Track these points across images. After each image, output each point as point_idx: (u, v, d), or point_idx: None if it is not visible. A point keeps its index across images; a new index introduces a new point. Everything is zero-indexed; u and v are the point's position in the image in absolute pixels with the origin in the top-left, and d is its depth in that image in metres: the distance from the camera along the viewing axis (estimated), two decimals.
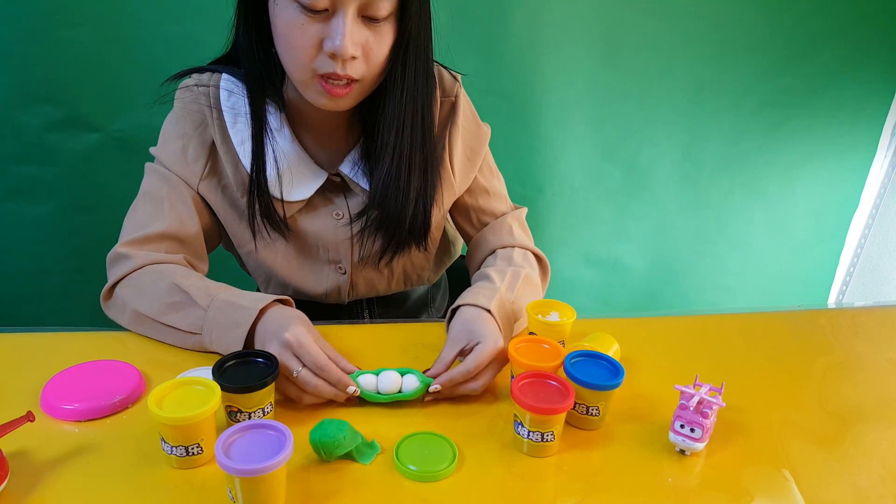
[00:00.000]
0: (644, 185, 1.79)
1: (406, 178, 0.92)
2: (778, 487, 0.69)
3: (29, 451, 0.67)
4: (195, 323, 0.84)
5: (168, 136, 0.96)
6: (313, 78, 0.82)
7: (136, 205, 0.97)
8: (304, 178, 0.95)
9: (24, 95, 1.39)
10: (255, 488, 0.58)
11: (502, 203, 1.12)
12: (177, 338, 0.87)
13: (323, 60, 0.80)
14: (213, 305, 0.84)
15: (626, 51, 1.60)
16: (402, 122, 0.88)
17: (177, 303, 0.86)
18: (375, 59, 0.82)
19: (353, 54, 0.79)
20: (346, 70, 0.80)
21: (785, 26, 1.64)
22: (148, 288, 0.88)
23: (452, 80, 1.02)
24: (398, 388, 0.78)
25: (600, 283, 1.93)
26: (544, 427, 0.69)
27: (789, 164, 1.83)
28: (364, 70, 0.82)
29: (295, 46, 0.80)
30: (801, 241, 1.95)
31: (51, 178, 1.48)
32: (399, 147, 0.89)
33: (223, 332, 0.82)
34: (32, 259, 1.56)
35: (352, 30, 0.77)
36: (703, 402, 0.71)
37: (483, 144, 1.06)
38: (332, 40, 0.77)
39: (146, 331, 0.90)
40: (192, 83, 0.96)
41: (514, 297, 0.93)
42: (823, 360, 0.97)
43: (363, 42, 0.80)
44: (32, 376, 0.79)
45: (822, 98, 1.74)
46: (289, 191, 0.94)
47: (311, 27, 0.78)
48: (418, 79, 0.87)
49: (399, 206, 0.93)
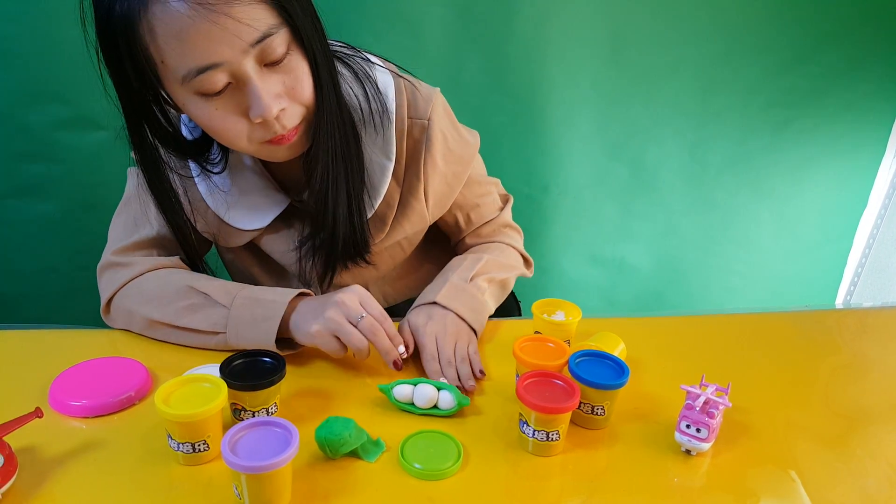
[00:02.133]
0: (650, 184, 1.79)
1: (334, 191, 0.86)
2: (784, 488, 0.69)
3: (37, 447, 0.68)
4: (218, 322, 0.83)
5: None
6: (260, 145, 0.78)
7: (120, 210, 0.95)
8: (263, 206, 0.92)
9: (31, 94, 1.40)
10: (260, 485, 0.59)
11: (492, 210, 1.09)
12: (197, 339, 0.86)
13: (257, 130, 0.76)
14: (235, 303, 0.83)
15: (633, 50, 1.60)
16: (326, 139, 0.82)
17: (194, 304, 0.85)
18: (302, 94, 0.77)
19: (280, 107, 0.75)
20: (285, 125, 0.76)
21: (792, 26, 1.63)
22: (155, 294, 0.87)
23: (426, 98, 0.92)
24: (434, 402, 0.77)
25: (606, 283, 1.92)
26: (549, 426, 0.69)
27: (796, 164, 1.82)
28: (300, 111, 0.78)
29: (223, 132, 0.77)
30: (808, 241, 1.94)
31: (58, 177, 1.49)
32: (324, 160, 0.84)
33: (251, 327, 0.82)
34: (39, 257, 1.56)
35: (265, 88, 0.73)
36: (709, 402, 0.71)
37: (468, 163, 1.00)
38: (254, 109, 0.73)
39: (162, 336, 0.89)
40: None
41: (473, 275, 0.96)
42: (831, 361, 0.97)
43: (282, 90, 0.75)
44: (40, 373, 0.80)
45: (830, 98, 1.73)
46: (245, 221, 0.92)
47: (226, 106, 0.74)
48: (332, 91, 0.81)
49: (330, 222, 0.88)
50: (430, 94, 0.93)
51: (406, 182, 0.95)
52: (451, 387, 0.77)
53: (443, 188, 0.98)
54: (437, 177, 0.96)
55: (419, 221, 0.99)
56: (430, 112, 0.92)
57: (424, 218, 0.99)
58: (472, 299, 0.93)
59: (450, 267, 1.00)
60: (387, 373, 0.85)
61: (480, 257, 1.00)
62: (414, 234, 1.02)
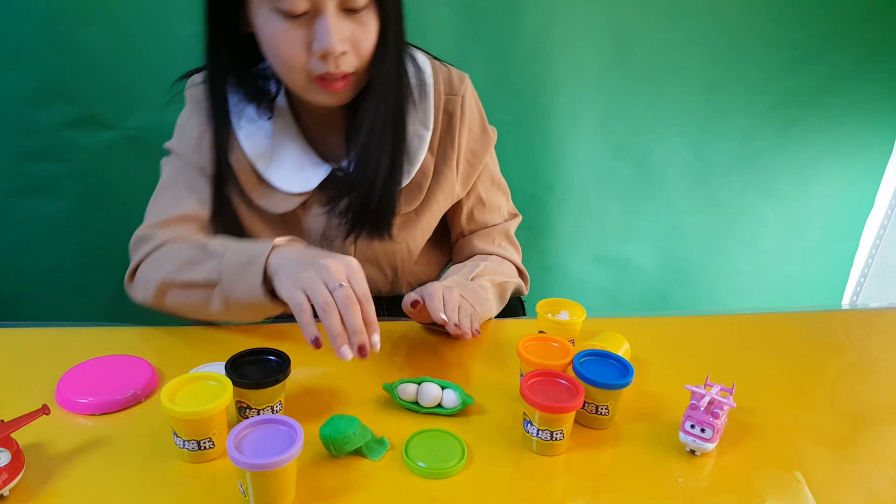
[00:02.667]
0: (655, 184, 1.78)
1: (375, 157, 0.91)
2: (789, 489, 0.69)
3: (44, 444, 0.68)
4: (213, 273, 0.83)
5: (183, 129, 0.99)
6: (310, 81, 0.83)
7: (155, 195, 0.99)
8: (308, 171, 0.95)
9: (38, 93, 1.41)
10: (265, 482, 0.59)
11: (496, 216, 1.11)
12: (198, 296, 0.85)
13: (315, 63, 0.81)
14: (228, 252, 0.83)
15: (638, 50, 1.59)
16: (378, 102, 0.89)
17: (194, 258, 0.86)
18: (364, 49, 0.83)
19: (343, 50, 0.80)
20: (340, 67, 0.82)
21: (798, 25, 1.62)
22: (168, 258, 0.88)
23: (460, 78, 1.01)
24: (438, 401, 0.77)
25: (610, 283, 1.92)
26: (553, 426, 0.69)
27: (802, 164, 1.81)
28: (356, 62, 0.83)
29: (285, 54, 0.81)
30: (814, 241, 1.94)
31: (64, 176, 1.50)
32: (373, 126, 0.89)
33: (239, 274, 0.80)
34: (46, 255, 1.57)
35: (336, 26, 0.79)
36: (713, 402, 0.71)
37: (486, 149, 1.06)
38: (320, 41, 0.79)
39: (172, 301, 0.88)
40: (199, 80, 0.98)
41: (474, 276, 0.98)
42: (837, 362, 0.97)
43: (349, 36, 0.81)
44: (47, 370, 0.80)
45: (836, 97, 1.73)
46: (293, 183, 0.95)
47: (295, 32, 0.80)
48: (397, 62, 0.89)
49: (367, 184, 0.92)
50: (462, 75, 1.02)
51: (440, 152, 1.01)
52: (456, 386, 0.78)
53: (465, 165, 1.04)
54: (467, 149, 1.03)
55: (450, 194, 1.04)
56: (464, 90, 1.01)
57: (454, 191, 1.04)
58: (475, 293, 0.94)
59: (448, 273, 1.02)
60: (391, 371, 0.85)
61: (478, 264, 1.03)
62: (439, 210, 1.05)
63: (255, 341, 0.91)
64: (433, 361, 0.90)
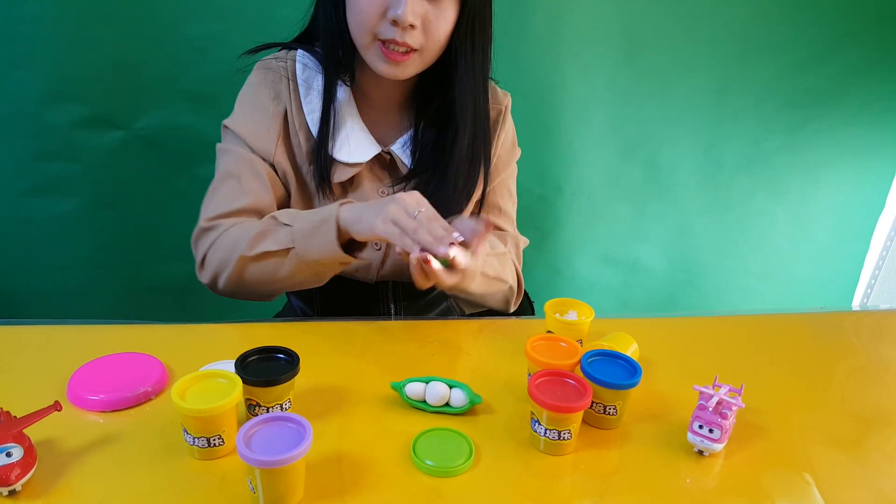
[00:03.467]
0: (664, 185, 1.78)
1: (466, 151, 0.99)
2: (798, 491, 0.69)
3: (55, 440, 0.69)
4: (285, 239, 0.89)
5: (244, 109, 1.01)
6: (374, 42, 0.90)
7: (215, 185, 1.01)
8: (361, 147, 1.01)
9: (50, 94, 1.42)
10: (274, 479, 0.59)
11: (509, 225, 1.17)
12: (275, 264, 0.90)
13: (385, 26, 0.87)
14: (298, 218, 0.89)
15: (647, 50, 1.59)
16: (475, 95, 0.97)
17: (264, 231, 0.91)
18: (435, 32, 0.89)
19: (412, 23, 0.86)
20: (405, 38, 0.87)
21: (808, 25, 1.62)
22: (240, 236, 0.92)
23: (504, 93, 1.11)
24: (446, 400, 0.77)
25: (619, 284, 1.92)
26: (561, 425, 0.70)
27: (812, 165, 1.80)
28: (422, 41, 0.89)
29: (362, 11, 0.88)
30: (824, 242, 1.93)
31: (76, 176, 1.51)
32: (473, 119, 0.98)
33: (314, 233, 0.87)
34: (58, 254, 1.58)
35: (413, 0, 0.85)
36: (722, 402, 0.71)
37: (510, 162, 1.14)
38: (395, 8, 0.85)
39: (250, 276, 0.92)
40: (271, 58, 1.03)
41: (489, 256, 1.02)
42: (846, 363, 0.96)
43: (423, 13, 0.87)
44: (59, 367, 0.81)
45: (846, 98, 1.72)
46: (346, 154, 1.00)
47: None
48: (484, 57, 0.97)
49: (449, 176, 1.00)
50: (506, 93, 1.12)
51: None
52: (464, 385, 0.78)
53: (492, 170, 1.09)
54: (498, 154, 1.10)
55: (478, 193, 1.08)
56: (507, 103, 1.11)
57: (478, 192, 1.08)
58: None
59: None
60: (399, 370, 0.85)
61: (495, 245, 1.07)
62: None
63: (264, 340, 0.91)
64: (441, 360, 0.90)
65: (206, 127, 1.47)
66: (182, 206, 1.54)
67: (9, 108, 1.41)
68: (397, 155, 1.03)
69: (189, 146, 1.48)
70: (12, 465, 0.60)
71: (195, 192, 1.51)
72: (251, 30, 1.36)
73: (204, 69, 1.42)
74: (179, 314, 1.66)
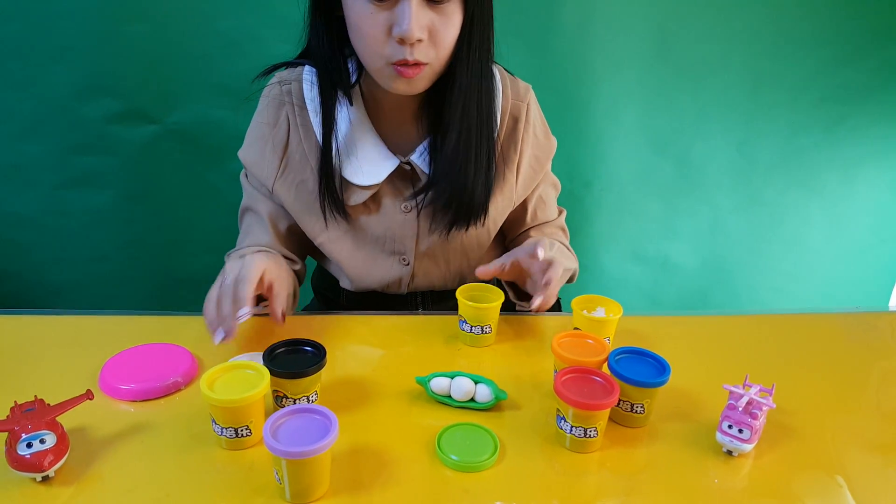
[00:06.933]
0: (696, 181, 1.75)
1: (474, 152, 0.95)
2: (830, 494, 0.67)
3: (87, 428, 0.70)
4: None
5: (249, 138, 1.03)
6: (386, 65, 0.86)
7: (241, 215, 1.07)
8: (377, 164, 0.98)
9: (86, 88, 1.45)
10: (300, 471, 0.60)
11: (554, 212, 1.17)
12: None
13: (393, 47, 0.84)
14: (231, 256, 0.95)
15: (680, 43, 1.57)
16: (468, 97, 0.92)
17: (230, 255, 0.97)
18: (442, 41, 0.85)
19: (419, 37, 0.83)
20: (415, 55, 0.84)
21: (847, 19, 1.58)
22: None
23: (525, 87, 1.05)
24: (471, 395, 0.77)
25: (648, 282, 1.90)
26: (587, 423, 0.69)
27: (849, 162, 1.76)
28: (432, 54, 0.86)
29: (366, 35, 0.85)
30: (860, 241, 1.88)
31: (110, 169, 1.54)
32: (465, 122, 0.93)
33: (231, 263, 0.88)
34: (92, 246, 1.62)
35: (416, 14, 0.81)
36: (752, 402, 0.70)
37: (549, 157, 1.10)
38: (399, 25, 0.81)
39: None
40: (276, 81, 1.01)
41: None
42: (882, 365, 0.94)
43: (428, 25, 0.83)
44: (91, 357, 0.83)
45: (887, 94, 1.67)
46: (361, 176, 0.98)
47: (379, 15, 0.82)
48: (484, 57, 0.91)
49: (464, 179, 0.96)
50: (527, 85, 1.06)
51: (503, 154, 1.04)
52: (489, 380, 0.77)
53: (528, 171, 1.07)
54: (529, 155, 1.06)
55: (509, 195, 1.06)
56: (529, 98, 1.05)
57: (511, 196, 1.06)
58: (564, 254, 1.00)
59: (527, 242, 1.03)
60: (425, 365, 0.85)
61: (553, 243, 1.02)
62: (496, 211, 1.06)
63: (292, 332, 0.92)
64: (467, 356, 0.90)
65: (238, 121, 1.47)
66: (213, 199, 1.57)
67: (44, 102, 1.45)
68: (417, 165, 0.99)
69: (221, 140, 1.50)
70: (45, 451, 0.61)
71: (226, 185, 1.54)
72: (282, 25, 1.37)
73: (236, 64, 1.44)
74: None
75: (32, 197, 1.54)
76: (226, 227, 1.50)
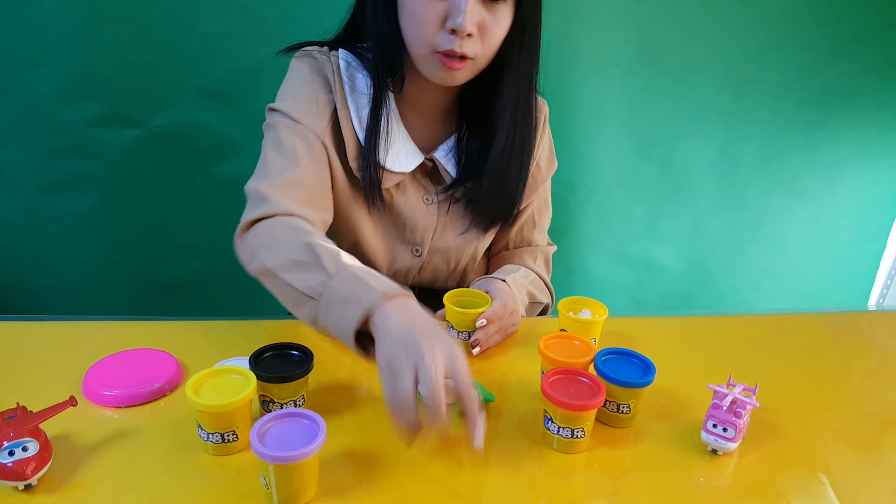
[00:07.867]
0: (679, 183, 1.77)
1: (518, 152, 1.00)
2: (813, 491, 0.68)
3: (71, 435, 0.70)
4: (315, 287, 0.75)
5: (297, 92, 0.98)
6: (432, 54, 0.88)
7: (266, 155, 0.95)
8: (405, 155, 1.00)
9: (68, 91, 1.43)
10: (288, 475, 0.60)
11: (542, 237, 1.18)
12: (293, 298, 0.79)
13: (443, 37, 0.86)
14: (338, 274, 0.74)
15: (662, 48, 1.58)
16: (518, 100, 0.96)
17: (303, 262, 0.78)
18: (491, 39, 0.88)
19: (471, 31, 0.85)
20: (463, 48, 0.86)
21: (827, 23, 1.60)
22: (279, 240, 0.84)
23: (542, 101, 1.10)
24: None
25: (633, 283, 1.91)
26: (574, 423, 0.69)
27: (830, 164, 1.78)
28: (479, 49, 0.88)
29: (420, 22, 0.87)
30: (841, 242, 1.91)
31: (93, 173, 1.52)
32: (513, 123, 0.97)
33: (340, 306, 0.72)
34: (75, 251, 1.60)
35: (472, 9, 0.84)
36: (736, 401, 0.71)
37: (548, 175, 1.14)
38: (454, 18, 0.84)
39: (270, 286, 0.84)
40: (314, 50, 1.01)
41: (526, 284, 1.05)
42: (862, 363, 0.95)
43: (480, 21, 0.86)
44: (75, 363, 0.82)
45: (865, 97, 1.70)
46: (393, 163, 0.99)
47: (437, 4, 0.85)
48: (532, 61, 0.96)
49: (505, 179, 1.00)
50: (543, 101, 1.11)
51: None
52: (477, 383, 0.78)
53: (531, 181, 1.09)
54: (535, 167, 1.09)
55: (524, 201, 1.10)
56: (545, 112, 1.11)
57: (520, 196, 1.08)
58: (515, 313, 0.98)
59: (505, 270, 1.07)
60: None
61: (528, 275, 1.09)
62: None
63: (278, 336, 0.91)
64: None
65: (222, 125, 1.47)
66: (198, 203, 1.55)
67: (26, 105, 1.43)
68: (440, 163, 1.02)
69: (205, 144, 1.49)
70: (28, 459, 0.61)
71: (211, 189, 1.53)
72: (267, 28, 1.36)
73: (220, 67, 1.43)
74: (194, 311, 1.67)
75: (14, 201, 1.52)
76: (211, 231, 1.50)
